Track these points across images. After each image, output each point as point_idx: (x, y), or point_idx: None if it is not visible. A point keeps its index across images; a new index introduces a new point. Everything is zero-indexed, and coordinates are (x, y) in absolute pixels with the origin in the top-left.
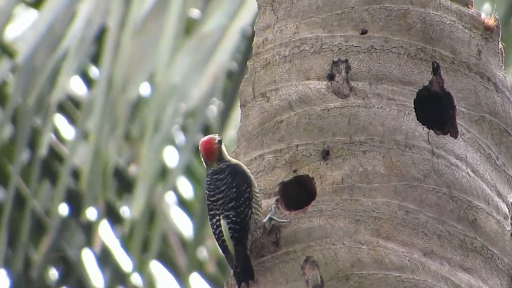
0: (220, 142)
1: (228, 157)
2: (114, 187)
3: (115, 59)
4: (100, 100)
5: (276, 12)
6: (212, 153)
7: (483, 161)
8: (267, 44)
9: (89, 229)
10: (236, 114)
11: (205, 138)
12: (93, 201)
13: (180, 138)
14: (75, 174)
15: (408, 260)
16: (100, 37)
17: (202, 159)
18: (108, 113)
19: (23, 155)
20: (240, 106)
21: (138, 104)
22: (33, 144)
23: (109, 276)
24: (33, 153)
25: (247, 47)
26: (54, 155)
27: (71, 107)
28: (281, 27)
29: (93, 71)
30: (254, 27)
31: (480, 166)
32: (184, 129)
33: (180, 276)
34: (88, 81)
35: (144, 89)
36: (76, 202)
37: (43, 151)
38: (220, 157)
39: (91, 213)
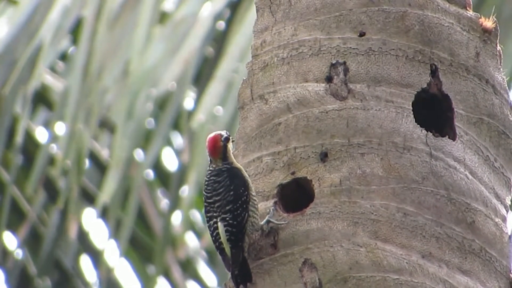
0: (227, 139)
1: (232, 159)
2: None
3: (91, 48)
4: (76, 88)
5: (274, 14)
6: (217, 151)
7: (481, 163)
8: (265, 46)
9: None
10: (208, 98)
11: (212, 134)
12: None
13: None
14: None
15: (407, 263)
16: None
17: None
18: (83, 100)
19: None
20: (238, 108)
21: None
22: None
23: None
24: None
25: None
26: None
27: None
28: (279, 29)
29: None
30: (253, 29)
31: (478, 168)
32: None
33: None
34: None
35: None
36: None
37: (19, 138)
38: (225, 156)
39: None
